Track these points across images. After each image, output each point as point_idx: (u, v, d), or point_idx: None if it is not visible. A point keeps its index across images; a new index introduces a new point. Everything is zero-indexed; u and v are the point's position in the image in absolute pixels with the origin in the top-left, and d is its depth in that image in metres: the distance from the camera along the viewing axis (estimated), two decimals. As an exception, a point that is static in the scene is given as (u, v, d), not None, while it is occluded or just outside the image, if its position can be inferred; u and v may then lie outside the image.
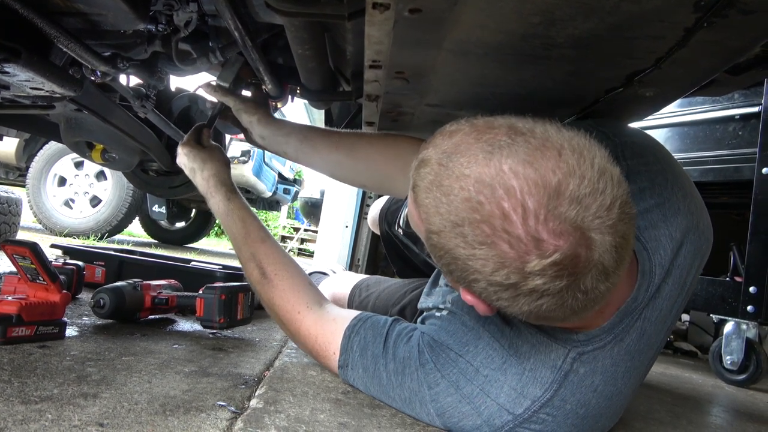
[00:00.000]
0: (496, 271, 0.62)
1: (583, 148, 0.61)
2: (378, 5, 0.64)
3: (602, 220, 0.59)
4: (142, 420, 0.71)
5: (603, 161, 0.62)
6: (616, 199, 0.60)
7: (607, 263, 0.61)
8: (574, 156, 0.60)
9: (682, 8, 0.65)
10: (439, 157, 0.67)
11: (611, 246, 0.60)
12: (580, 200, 0.58)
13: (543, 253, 0.59)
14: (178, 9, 0.99)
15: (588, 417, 0.82)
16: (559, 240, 0.58)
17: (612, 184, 0.60)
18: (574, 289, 0.61)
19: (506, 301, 0.65)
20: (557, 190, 0.58)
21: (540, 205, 0.58)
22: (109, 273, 1.79)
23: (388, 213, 1.78)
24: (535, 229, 0.58)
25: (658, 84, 0.91)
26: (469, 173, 0.62)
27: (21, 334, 0.99)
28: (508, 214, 0.59)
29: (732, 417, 1.46)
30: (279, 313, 1.07)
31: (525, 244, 0.59)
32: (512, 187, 0.59)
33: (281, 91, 1.32)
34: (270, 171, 5.61)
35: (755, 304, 1.87)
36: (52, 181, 4.61)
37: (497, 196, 0.60)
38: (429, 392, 0.85)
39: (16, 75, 0.90)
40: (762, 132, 1.93)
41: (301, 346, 1.07)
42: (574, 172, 0.59)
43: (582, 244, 0.59)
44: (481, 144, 0.63)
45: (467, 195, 0.62)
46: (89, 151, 1.56)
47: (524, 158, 0.60)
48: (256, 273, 1.09)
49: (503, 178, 0.60)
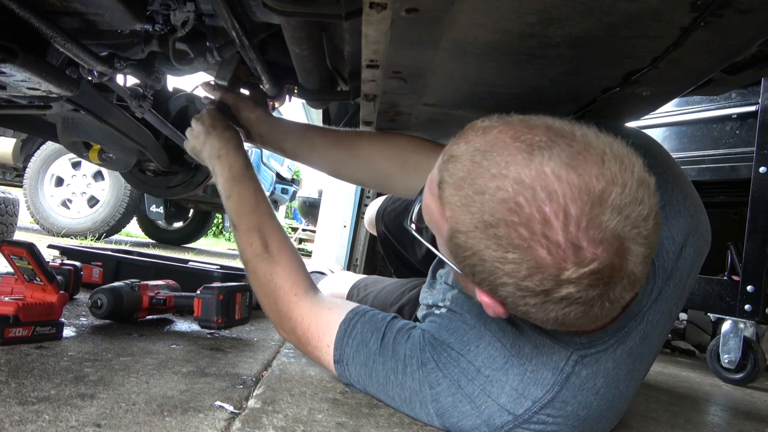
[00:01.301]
0: (529, 277, 0.60)
1: (623, 156, 0.60)
2: (375, 5, 0.64)
3: (639, 230, 0.58)
4: (140, 420, 0.71)
5: (641, 170, 0.61)
6: (653, 210, 0.59)
7: (638, 273, 0.60)
8: (617, 163, 0.59)
9: (678, 8, 0.65)
10: (472, 154, 0.64)
11: (644, 257, 0.60)
12: (621, 209, 0.57)
13: (581, 261, 0.58)
14: (175, 9, 0.99)
15: (589, 419, 0.81)
16: (597, 248, 0.57)
17: (649, 193, 0.60)
18: (604, 298, 0.61)
19: (533, 307, 0.63)
20: (600, 197, 0.57)
21: (582, 212, 0.57)
22: (107, 273, 1.79)
23: (385, 213, 1.79)
24: (576, 236, 0.57)
25: (655, 83, 0.91)
26: (508, 173, 0.60)
27: (18, 335, 0.99)
28: (549, 219, 0.57)
29: (729, 416, 1.47)
30: (275, 291, 1.02)
31: (564, 250, 0.57)
32: (555, 191, 0.57)
33: (279, 90, 1.32)
34: (268, 171, 5.61)
35: (752, 302, 1.87)
36: (49, 182, 4.60)
37: (538, 199, 0.58)
38: (430, 392, 0.85)
39: (12, 75, 0.90)
40: (759, 131, 1.93)
41: (290, 332, 1.02)
42: (617, 180, 0.57)
43: (619, 254, 0.58)
44: (519, 144, 0.61)
45: (505, 195, 0.59)
46: (86, 151, 1.56)
47: (567, 162, 0.58)
48: (258, 245, 1.05)
49: (545, 180, 0.58)
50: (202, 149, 1.21)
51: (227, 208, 1.12)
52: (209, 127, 1.20)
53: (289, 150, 1.28)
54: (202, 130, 1.21)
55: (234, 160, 1.15)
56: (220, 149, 1.16)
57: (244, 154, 1.18)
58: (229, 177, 1.13)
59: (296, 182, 7.04)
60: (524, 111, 1.14)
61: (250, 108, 1.27)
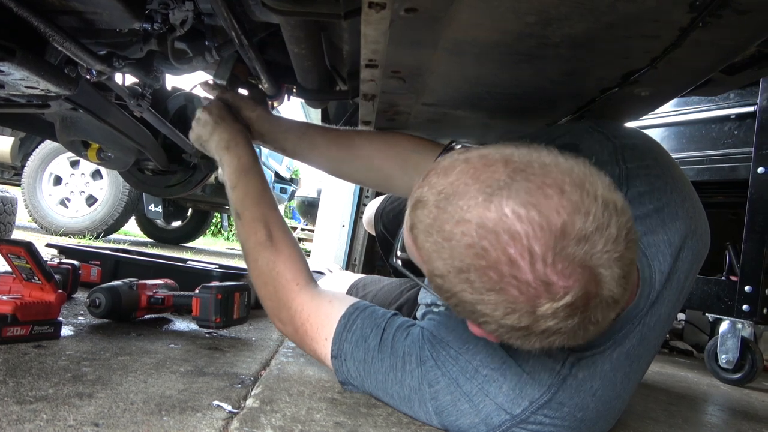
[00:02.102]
0: (506, 315, 0.61)
1: (584, 181, 0.60)
2: (374, 4, 0.64)
3: (610, 254, 0.58)
4: (138, 420, 0.71)
5: (605, 191, 0.60)
6: (622, 230, 0.59)
7: (616, 294, 0.60)
8: (577, 191, 0.58)
9: (677, 8, 0.65)
10: (436, 199, 0.64)
11: (619, 277, 0.59)
12: (587, 238, 0.57)
13: (554, 296, 0.58)
14: (173, 8, 0.99)
15: (586, 420, 0.82)
16: (568, 281, 0.57)
17: (616, 214, 0.59)
18: (585, 324, 0.61)
19: (518, 340, 0.64)
20: (563, 230, 0.57)
21: (547, 248, 0.57)
22: (105, 272, 1.79)
23: (384, 213, 1.79)
24: (544, 273, 0.57)
25: (653, 84, 0.91)
26: (470, 218, 0.60)
27: (16, 334, 0.98)
28: (515, 260, 0.58)
29: (727, 416, 1.47)
30: (277, 279, 1.02)
31: (535, 288, 0.58)
32: (517, 232, 0.57)
33: (278, 89, 1.32)
34: (266, 170, 5.61)
35: (750, 303, 1.87)
36: (47, 180, 4.59)
37: (502, 242, 0.58)
38: (429, 390, 0.85)
39: (10, 74, 0.90)
40: (757, 131, 1.94)
41: (287, 323, 1.01)
42: (579, 209, 0.57)
43: (591, 282, 0.58)
44: (479, 184, 0.61)
45: (470, 241, 0.60)
46: (85, 150, 1.55)
47: (526, 199, 0.58)
48: (262, 234, 1.05)
49: (506, 222, 0.58)
50: (209, 139, 1.20)
51: (232, 199, 1.12)
52: (218, 118, 1.20)
53: (289, 149, 1.28)
54: (210, 120, 1.20)
55: (243, 152, 1.15)
56: (230, 140, 1.17)
57: (252, 147, 1.18)
58: (237, 168, 1.14)
59: (295, 182, 7.03)
60: (523, 111, 1.15)
61: (251, 107, 1.27)
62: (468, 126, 1.31)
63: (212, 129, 1.19)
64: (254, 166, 1.15)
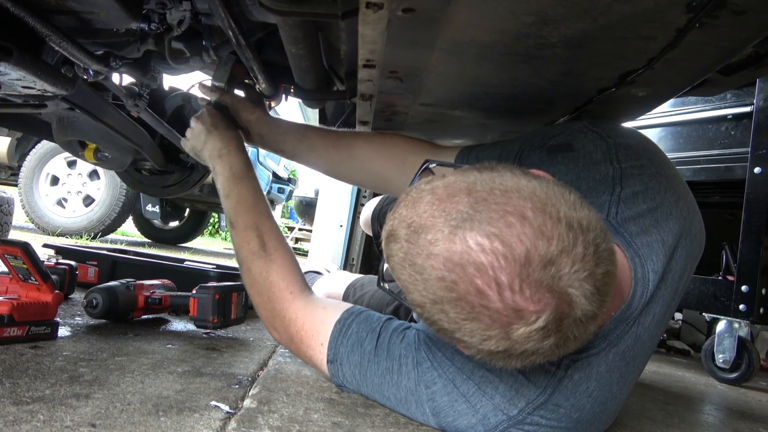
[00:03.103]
0: (483, 342, 0.62)
1: (545, 204, 0.60)
2: (371, 5, 0.64)
3: (578, 273, 0.59)
4: (135, 420, 0.71)
5: (569, 210, 0.61)
6: (588, 247, 0.60)
7: (589, 311, 0.61)
8: (539, 216, 0.59)
9: (673, 9, 0.66)
10: (406, 233, 0.66)
11: (591, 294, 0.60)
12: (553, 261, 0.58)
13: (526, 321, 0.59)
14: (171, 8, 0.99)
15: (582, 421, 0.82)
16: (538, 305, 0.58)
17: (581, 232, 0.60)
18: (564, 340, 0.62)
19: (500, 361, 0.66)
20: (527, 258, 0.58)
21: (513, 277, 0.58)
22: (102, 273, 1.78)
23: (380, 214, 1.79)
24: (513, 300, 0.58)
25: (650, 84, 0.91)
26: (438, 251, 0.61)
27: (13, 335, 0.98)
28: (483, 291, 0.59)
29: (724, 415, 1.47)
30: (270, 288, 1.02)
31: (506, 315, 0.59)
32: (482, 264, 0.59)
33: (275, 90, 1.32)
34: (264, 170, 5.60)
35: (747, 302, 1.88)
36: (44, 181, 4.58)
37: (469, 274, 0.59)
38: (426, 391, 0.85)
39: (7, 74, 0.89)
40: (754, 132, 1.94)
41: (282, 331, 1.02)
42: (542, 233, 0.58)
43: (562, 303, 0.59)
44: (444, 217, 0.62)
45: (440, 274, 0.61)
46: (82, 150, 1.55)
47: (488, 230, 0.59)
48: (255, 243, 1.06)
49: (471, 255, 0.59)
50: (203, 148, 1.21)
51: (225, 207, 1.12)
52: (210, 127, 1.20)
53: (288, 150, 1.28)
54: (203, 129, 1.21)
55: (235, 160, 1.16)
56: (222, 149, 1.17)
57: (245, 154, 1.18)
58: (229, 176, 1.14)
59: (293, 182, 7.03)
60: (521, 111, 1.15)
61: (250, 109, 1.27)
62: (465, 126, 1.31)
63: (205, 138, 1.20)
64: (247, 173, 1.15)
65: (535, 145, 0.97)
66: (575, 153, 0.91)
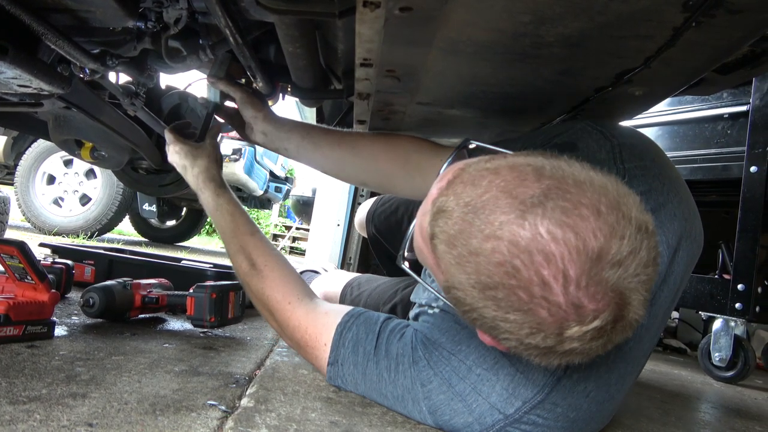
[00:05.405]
0: (531, 335, 0.59)
1: (619, 203, 0.58)
2: (368, 3, 0.64)
3: (639, 277, 0.57)
4: (132, 420, 0.70)
5: (638, 212, 0.59)
6: (651, 253, 0.58)
7: (641, 317, 0.59)
8: (613, 213, 0.57)
9: (670, 8, 0.66)
10: (463, 210, 0.62)
11: (645, 300, 0.59)
12: (621, 262, 0.56)
13: (583, 320, 0.57)
14: (167, 6, 0.98)
15: (579, 421, 0.82)
16: (599, 305, 0.56)
17: (647, 237, 0.58)
18: (606, 344, 0.60)
19: (536, 357, 0.63)
20: (599, 254, 0.55)
21: (582, 272, 0.55)
22: (99, 272, 1.78)
23: (375, 215, 1.78)
24: (576, 296, 0.56)
25: (647, 83, 0.91)
26: (502, 234, 0.58)
27: (9, 334, 0.98)
28: (548, 282, 0.56)
29: (720, 413, 1.48)
30: (269, 303, 1.05)
31: (565, 311, 0.57)
32: (552, 254, 0.56)
33: (272, 88, 1.32)
34: (261, 169, 5.60)
35: (743, 301, 1.89)
36: (41, 180, 4.57)
37: (536, 263, 0.56)
38: (422, 390, 0.85)
39: (2, 72, 0.89)
40: (750, 131, 1.95)
41: (288, 338, 1.05)
42: (615, 232, 0.56)
43: (620, 306, 0.57)
44: (511, 199, 0.59)
45: (501, 258, 0.58)
46: (78, 149, 1.55)
47: (562, 220, 0.56)
48: (245, 265, 1.08)
49: (542, 242, 0.56)
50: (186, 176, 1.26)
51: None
52: (181, 168, 1.25)
53: (292, 149, 1.28)
54: (178, 165, 1.25)
55: (207, 194, 1.19)
56: (195, 188, 1.22)
57: (214, 182, 1.20)
58: (207, 208, 1.20)
59: (290, 180, 7.02)
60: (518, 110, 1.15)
61: (258, 106, 1.26)
62: (463, 125, 1.31)
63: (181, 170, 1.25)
64: (217, 202, 1.17)
65: (538, 144, 0.96)
66: (579, 152, 0.91)
